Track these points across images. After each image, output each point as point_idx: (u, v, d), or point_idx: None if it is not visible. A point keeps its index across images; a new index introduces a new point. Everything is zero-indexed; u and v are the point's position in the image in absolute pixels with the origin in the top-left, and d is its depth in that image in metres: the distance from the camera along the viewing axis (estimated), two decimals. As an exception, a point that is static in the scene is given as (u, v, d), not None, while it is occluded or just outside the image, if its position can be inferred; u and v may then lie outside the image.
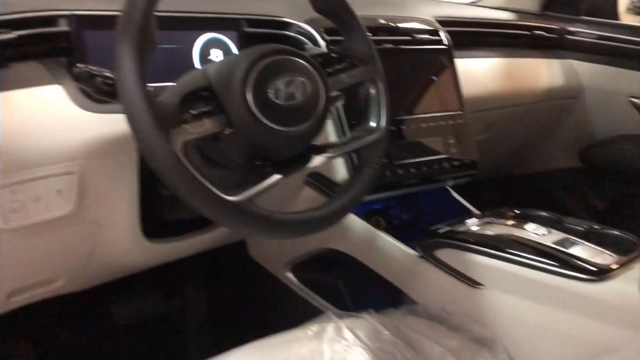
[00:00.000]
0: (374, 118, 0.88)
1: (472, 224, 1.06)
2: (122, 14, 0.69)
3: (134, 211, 0.92)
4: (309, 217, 0.78)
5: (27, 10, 0.83)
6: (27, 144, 0.77)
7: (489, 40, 1.52)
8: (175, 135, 0.68)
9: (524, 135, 1.70)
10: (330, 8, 0.88)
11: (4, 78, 0.80)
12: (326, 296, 1.25)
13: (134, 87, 0.66)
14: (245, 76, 0.73)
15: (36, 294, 0.96)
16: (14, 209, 0.77)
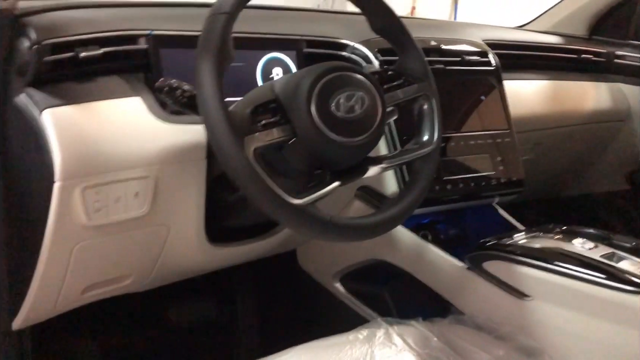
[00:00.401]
0: (427, 132, 0.93)
1: (520, 237, 1.09)
2: (203, 34, 0.76)
3: (200, 216, 0.99)
4: (367, 223, 0.84)
5: (111, 29, 0.92)
6: (110, 149, 0.85)
7: (537, 63, 1.56)
8: (247, 143, 0.75)
9: (570, 156, 1.72)
10: (388, 29, 0.94)
11: (91, 90, 0.88)
12: (373, 306, 1.29)
13: (213, 100, 0.73)
14: (310, 90, 0.80)
15: (106, 291, 1.03)
16: (97, 208, 0.85)
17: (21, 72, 0.83)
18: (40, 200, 0.82)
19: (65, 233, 0.85)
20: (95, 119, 0.85)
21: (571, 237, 1.03)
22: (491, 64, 1.32)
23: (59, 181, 0.80)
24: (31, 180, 0.84)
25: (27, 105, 0.82)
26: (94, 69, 0.90)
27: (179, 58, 0.98)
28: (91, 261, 0.92)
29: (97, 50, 0.88)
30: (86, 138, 0.82)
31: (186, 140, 0.92)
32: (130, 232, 0.93)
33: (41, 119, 0.80)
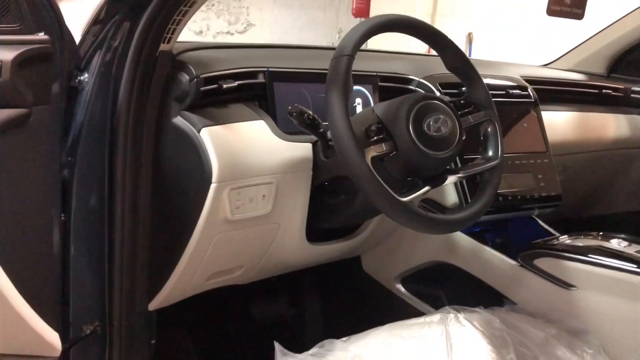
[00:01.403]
0: (492, 149, 1.16)
1: (565, 239, 1.30)
2: (330, 72, 0.99)
3: (304, 217, 1.21)
4: (454, 218, 1.06)
5: (241, 66, 1.15)
6: (247, 160, 1.07)
7: (565, 97, 1.79)
8: (367, 154, 0.97)
9: (595, 179, 1.94)
10: (459, 67, 1.18)
11: (228, 114, 1.11)
12: (432, 304, 1.49)
13: (343, 122, 0.96)
14: (408, 114, 1.03)
15: (222, 280, 1.24)
16: (237, 205, 1.07)
17: (179, 99, 1.07)
18: (196, 198, 1.04)
19: (212, 225, 1.06)
20: (237, 136, 1.08)
21: (608, 238, 1.25)
22: (530, 96, 1.55)
23: (215, 183, 1.02)
24: (189, 183, 1.06)
25: (186, 124, 1.05)
26: (228, 97, 1.13)
27: (287, 89, 1.22)
28: (221, 251, 1.14)
29: (233, 83, 1.11)
30: (232, 151, 1.05)
31: (298, 154, 1.15)
32: (254, 228, 1.15)
33: (200, 135, 1.03)
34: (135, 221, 1.08)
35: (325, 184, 1.19)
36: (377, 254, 1.58)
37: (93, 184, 1.05)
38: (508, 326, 1.19)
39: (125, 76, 1.01)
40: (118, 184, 1.05)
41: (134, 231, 1.08)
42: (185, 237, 1.08)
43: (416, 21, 1.11)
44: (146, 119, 1.05)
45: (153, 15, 0.97)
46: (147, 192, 1.08)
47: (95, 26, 1.02)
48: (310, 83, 1.24)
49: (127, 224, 1.07)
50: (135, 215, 1.07)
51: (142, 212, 1.08)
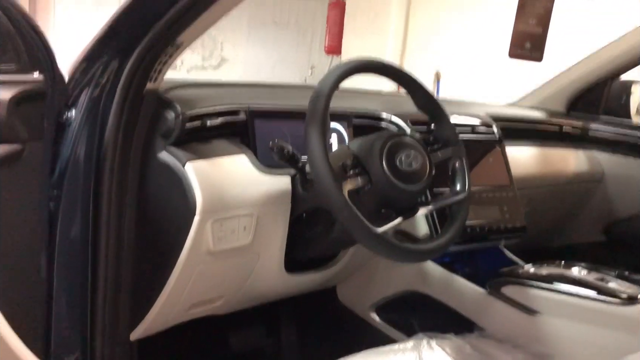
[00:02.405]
0: (460, 183, 1.23)
1: (529, 267, 1.38)
2: (309, 110, 1.06)
3: (282, 247, 1.26)
4: (425, 248, 1.12)
5: (223, 104, 1.21)
6: (229, 193, 1.12)
7: (527, 134, 1.90)
8: (344, 187, 1.03)
9: (558, 211, 2.03)
10: (428, 106, 1.26)
11: (211, 149, 1.17)
12: (405, 332, 1.54)
13: (321, 158, 1.02)
14: (381, 150, 1.10)
15: (202, 310, 1.28)
16: (220, 237, 1.12)
17: (164, 135, 1.12)
18: (180, 229, 1.08)
19: (195, 256, 1.11)
20: (219, 170, 1.13)
21: (569, 266, 1.33)
22: (495, 133, 1.65)
23: (198, 215, 1.07)
24: (173, 215, 1.10)
25: (171, 159, 1.10)
26: (211, 134, 1.19)
27: (267, 126, 1.28)
28: (203, 281, 1.18)
29: (216, 120, 1.17)
30: (215, 184, 1.10)
31: (278, 187, 1.20)
32: (234, 259, 1.19)
33: (185, 170, 1.08)
34: (119, 253, 1.11)
35: (303, 216, 1.24)
36: (352, 284, 1.63)
37: (78, 217, 1.08)
38: (478, 352, 1.25)
39: (112, 113, 1.05)
40: (103, 216, 1.08)
41: (118, 263, 1.12)
42: (168, 268, 1.11)
43: (388, 64, 1.19)
44: (132, 154, 1.09)
45: (141, 56, 1.03)
46: (131, 224, 1.12)
47: (84, 64, 1.07)
48: (289, 120, 1.31)
49: (110, 256, 1.10)
50: (119, 247, 1.11)
51: (126, 244, 1.12)
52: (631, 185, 1.98)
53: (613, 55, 1.99)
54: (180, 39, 1.04)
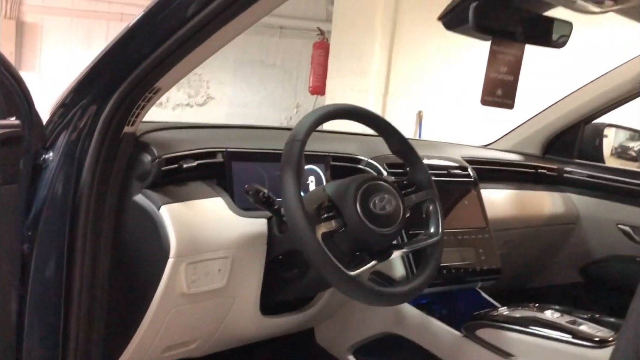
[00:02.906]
0: (434, 226, 1.25)
1: (504, 310, 1.39)
2: (284, 155, 1.08)
3: (258, 290, 1.26)
4: (398, 291, 1.13)
5: (200, 147, 1.23)
6: (204, 235, 1.13)
7: (503, 176, 1.93)
8: (317, 230, 1.05)
9: (534, 252, 2.06)
10: (402, 150, 1.29)
11: (187, 192, 1.18)
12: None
13: (295, 202, 1.04)
14: (355, 193, 1.12)
15: (176, 353, 1.26)
16: (193, 279, 1.12)
17: (140, 178, 1.13)
18: (154, 272, 1.08)
19: (169, 298, 1.10)
20: (195, 213, 1.14)
21: (543, 309, 1.34)
22: (470, 176, 1.68)
23: (172, 258, 1.07)
24: (147, 257, 1.11)
25: (147, 202, 1.11)
26: (187, 176, 1.20)
27: (244, 168, 1.30)
28: (177, 324, 1.17)
29: (192, 162, 1.19)
30: (190, 227, 1.11)
31: (254, 229, 1.21)
32: (209, 301, 1.19)
33: (160, 213, 1.09)
34: (92, 296, 1.11)
35: (279, 258, 1.25)
36: (329, 326, 1.62)
37: (52, 259, 1.08)
38: (453, 396, 1.25)
39: (89, 156, 1.06)
40: (77, 258, 1.08)
41: (91, 306, 1.11)
42: (142, 310, 1.11)
43: (363, 110, 1.22)
44: (108, 196, 1.10)
45: (119, 100, 1.05)
46: (105, 266, 1.12)
47: (62, 108, 1.09)
48: (266, 162, 1.33)
49: (84, 299, 1.10)
50: (92, 290, 1.10)
51: (99, 286, 1.11)
52: (606, 227, 2.02)
53: (586, 99, 2.05)
54: (159, 84, 1.06)
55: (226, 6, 0.89)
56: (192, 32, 0.94)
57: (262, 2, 0.89)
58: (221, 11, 0.90)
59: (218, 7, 0.89)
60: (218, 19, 0.91)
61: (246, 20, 0.94)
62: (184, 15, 0.92)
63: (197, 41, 0.96)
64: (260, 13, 0.94)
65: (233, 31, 0.97)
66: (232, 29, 0.95)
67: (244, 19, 0.92)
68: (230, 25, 0.93)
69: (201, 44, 0.97)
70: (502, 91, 1.41)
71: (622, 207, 1.98)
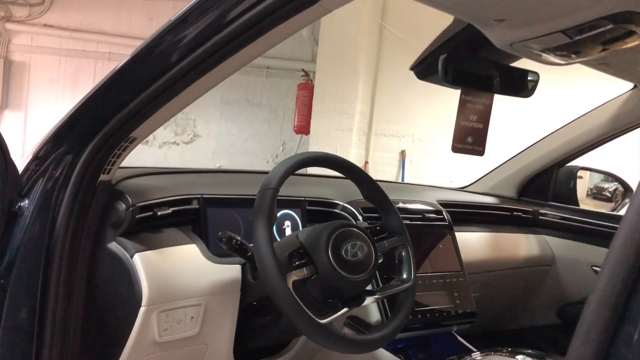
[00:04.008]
0: (406, 272, 1.27)
1: (477, 356, 1.39)
2: (257, 203, 1.10)
3: (231, 336, 1.26)
4: (369, 339, 1.14)
5: (175, 194, 1.25)
6: (177, 283, 1.14)
7: (479, 219, 1.96)
8: (288, 278, 1.06)
9: (511, 295, 2.07)
10: (374, 197, 1.31)
11: (161, 239, 1.19)
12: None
13: (266, 251, 1.05)
14: (327, 241, 1.14)
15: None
16: (166, 327, 1.12)
17: (115, 226, 1.14)
18: (126, 319, 1.09)
19: (141, 346, 1.11)
20: (168, 260, 1.15)
21: (514, 355, 1.35)
22: (445, 219, 1.70)
23: (144, 306, 1.08)
24: (119, 305, 1.11)
25: (120, 250, 1.12)
26: (162, 222, 1.22)
27: (220, 214, 1.31)
28: (150, 374, 1.17)
29: (167, 209, 1.20)
30: (163, 274, 1.12)
31: (227, 276, 1.22)
32: (182, 349, 1.19)
33: (133, 261, 1.10)
34: (64, 342, 1.11)
35: (253, 304, 1.26)
36: None
37: (24, 305, 1.08)
38: None
39: (64, 204, 1.08)
40: (50, 304, 1.08)
41: (63, 352, 1.11)
42: (114, 358, 1.11)
43: (335, 158, 1.25)
44: (82, 243, 1.11)
45: (96, 150, 1.07)
46: (78, 313, 1.12)
47: (38, 157, 1.11)
48: (242, 207, 1.35)
49: (56, 344, 1.10)
50: (65, 336, 1.10)
51: (72, 333, 1.11)
52: (580, 268, 2.04)
53: (559, 143, 2.10)
54: (134, 134, 1.09)
55: (207, 56, 0.92)
56: (174, 80, 0.97)
57: (242, 53, 0.92)
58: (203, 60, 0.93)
59: (200, 56, 0.92)
60: (200, 67, 0.94)
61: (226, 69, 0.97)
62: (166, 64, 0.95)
63: (176, 90, 0.99)
64: (242, 62, 0.97)
65: (214, 79, 0.99)
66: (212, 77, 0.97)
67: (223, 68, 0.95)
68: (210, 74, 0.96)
69: (174, 98, 1.00)
70: (472, 139, 1.46)
71: (596, 249, 2.01)
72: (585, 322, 0.53)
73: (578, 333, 0.53)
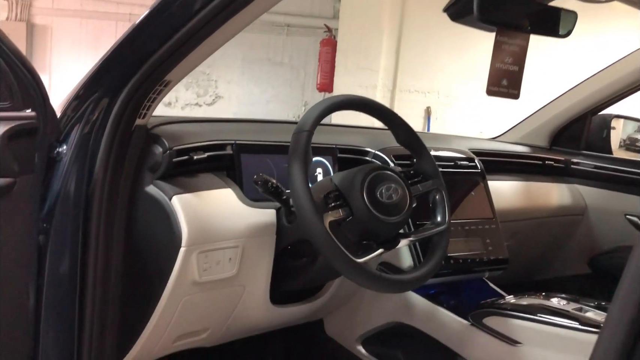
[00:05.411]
0: (440, 215, 1.27)
1: (510, 299, 1.40)
2: (292, 146, 1.10)
3: (267, 279, 1.28)
4: (405, 278, 1.15)
5: (210, 139, 1.26)
6: (215, 225, 1.15)
7: (511, 168, 1.94)
8: (325, 219, 1.07)
9: (541, 244, 2.06)
10: (408, 141, 1.30)
11: (197, 183, 1.20)
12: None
13: (303, 191, 1.06)
14: (362, 183, 1.14)
15: (187, 342, 1.29)
16: (205, 268, 1.14)
17: (152, 170, 1.15)
18: (166, 261, 1.11)
19: (181, 287, 1.13)
20: (205, 203, 1.16)
21: (549, 297, 1.35)
22: (477, 167, 1.69)
23: (184, 247, 1.10)
24: (159, 247, 1.13)
25: (158, 193, 1.13)
26: (198, 168, 1.22)
27: (253, 160, 1.32)
28: (189, 313, 1.20)
29: (203, 154, 1.21)
30: (201, 216, 1.13)
31: (263, 220, 1.23)
32: (220, 290, 1.21)
33: (171, 203, 1.11)
34: (106, 286, 1.13)
35: (288, 248, 1.27)
36: (338, 317, 1.64)
37: (67, 250, 1.11)
38: (461, 382, 1.27)
39: (102, 148, 1.09)
40: (91, 249, 1.11)
41: (105, 296, 1.14)
42: (154, 299, 1.14)
43: (369, 101, 1.24)
44: (120, 188, 1.13)
45: (131, 93, 1.07)
46: (118, 257, 1.14)
47: (75, 102, 1.12)
48: (274, 154, 1.35)
49: (98, 288, 1.12)
50: (106, 280, 1.13)
51: (113, 276, 1.14)
52: (614, 217, 2.02)
53: (592, 91, 2.05)
54: (168, 77, 1.09)
55: (230, 1, 0.91)
56: (198, 28, 0.96)
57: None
58: (225, 6, 0.92)
59: (222, 3, 0.92)
60: (222, 13, 0.93)
61: (250, 14, 0.96)
62: (189, 12, 0.94)
63: (202, 36, 0.99)
64: (264, 7, 0.96)
65: (239, 24, 0.99)
66: (237, 22, 0.97)
67: (247, 13, 0.94)
68: (235, 19, 0.95)
69: (207, 38, 0.99)
70: (507, 81, 1.42)
71: (630, 198, 1.98)
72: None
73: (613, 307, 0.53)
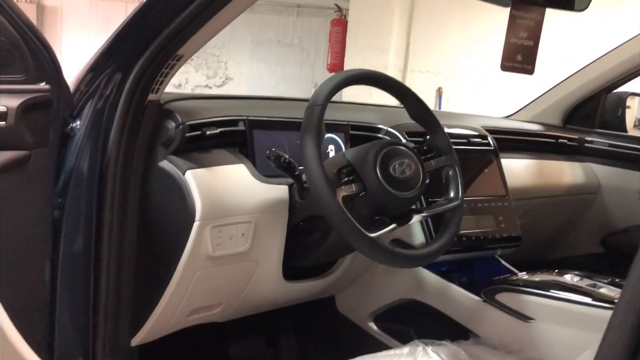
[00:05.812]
0: (453, 191, 1.26)
1: (523, 275, 1.40)
2: (305, 119, 1.09)
3: (280, 255, 1.28)
4: (418, 253, 1.15)
5: (222, 115, 1.25)
6: (228, 200, 1.16)
7: (524, 146, 1.93)
8: (338, 193, 1.07)
9: (554, 223, 2.05)
10: (421, 116, 1.29)
11: (210, 158, 1.20)
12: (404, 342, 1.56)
13: (316, 165, 1.05)
14: (375, 158, 1.13)
15: (201, 316, 1.30)
16: (218, 242, 1.15)
17: (165, 145, 1.15)
18: (180, 235, 1.11)
19: (195, 261, 1.14)
20: (218, 178, 1.17)
21: (562, 274, 1.35)
22: (490, 144, 1.68)
23: (198, 221, 1.10)
24: (173, 221, 1.14)
25: (172, 167, 1.13)
26: (211, 143, 1.22)
27: (265, 136, 1.32)
28: (202, 287, 1.20)
29: (215, 130, 1.21)
30: (214, 191, 1.14)
31: (276, 196, 1.24)
32: (233, 265, 1.22)
33: (185, 177, 1.11)
34: (120, 260, 1.14)
35: (300, 224, 1.27)
36: (350, 293, 1.65)
37: (81, 225, 1.12)
38: (473, 358, 1.27)
39: (115, 123, 1.09)
40: (105, 224, 1.12)
41: (120, 270, 1.15)
42: (168, 273, 1.14)
43: (382, 75, 1.23)
44: (134, 163, 1.13)
45: (143, 68, 1.07)
46: (133, 231, 1.15)
47: (88, 76, 1.12)
48: (287, 130, 1.34)
49: (112, 263, 1.14)
50: (121, 254, 1.14)
51: (127, 251, 1.15)
52: (627, 196, 2.01)
53: (607, 69, 2.02)
54: (181, 51, 1.08)
55: None
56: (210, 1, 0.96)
57: None
58: None
59: None
60: None
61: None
62: None
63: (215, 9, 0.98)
64: None
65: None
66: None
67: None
68: None
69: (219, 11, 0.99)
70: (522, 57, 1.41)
71: (645, 177, 1.96)
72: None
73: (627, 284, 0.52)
